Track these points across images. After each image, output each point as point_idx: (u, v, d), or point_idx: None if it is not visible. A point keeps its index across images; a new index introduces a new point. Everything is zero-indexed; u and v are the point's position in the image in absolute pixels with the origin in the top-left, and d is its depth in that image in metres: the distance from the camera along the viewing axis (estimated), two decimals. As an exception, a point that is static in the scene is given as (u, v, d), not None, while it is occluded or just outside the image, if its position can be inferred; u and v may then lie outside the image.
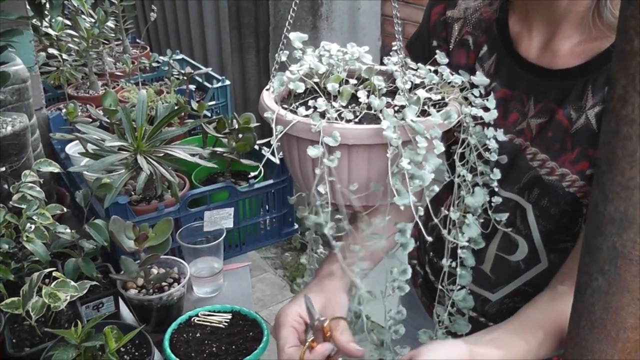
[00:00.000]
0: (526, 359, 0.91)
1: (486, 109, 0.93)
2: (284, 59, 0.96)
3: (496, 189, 0.99)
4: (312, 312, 0.92)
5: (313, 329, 0.91)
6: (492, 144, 0.94)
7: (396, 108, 0.85)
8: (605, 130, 0.62)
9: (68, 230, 1.37)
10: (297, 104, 0.91)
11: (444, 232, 0.97)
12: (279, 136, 0.86)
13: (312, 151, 0.84)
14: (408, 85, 0.90)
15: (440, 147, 0.83)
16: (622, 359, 0.69)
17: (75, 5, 2.34)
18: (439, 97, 0.91)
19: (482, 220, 1.02)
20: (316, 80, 0.94)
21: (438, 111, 0.86)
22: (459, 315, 1.07)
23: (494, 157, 0.95)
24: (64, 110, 1.95)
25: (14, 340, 1.26)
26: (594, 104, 0.96)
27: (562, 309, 0.92)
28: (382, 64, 1.01)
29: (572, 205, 1.01)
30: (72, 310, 1.31)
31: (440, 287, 1.06)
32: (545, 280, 1.07)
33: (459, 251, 0.99)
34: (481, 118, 0.93)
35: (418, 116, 0.84)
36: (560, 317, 0.92)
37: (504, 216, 1.02)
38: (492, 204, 0.99)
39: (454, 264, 1.01)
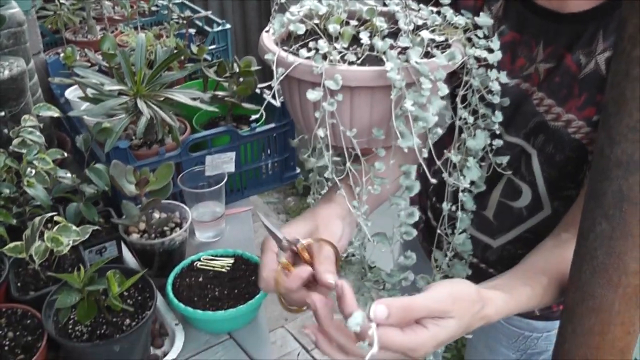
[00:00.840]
0: (530, 304, 0.90)
1: (490, 50, 0.91)
2: (283, 0, 0.94)
3: (497, 132, 0.97)
4: (272, 231, 0.86)
5: (283, 250, 0.85)
6: (495, 86, 0.92)
7: (399, 50, 0.84)
8: (615, 71, 0.61)
9: (69, 175, 1.37)
10: (297, 45, 0.90)
11: (445, 175, 0.96)
12: (280, 79, 0.84)
13: (312, 95, 0.82)
14: (411, 27, 0.88)
15: (445, 89, 0.82)
16: (622, 303, 0.70)
17: (72, -54, 2.29)
18: (442, 38, 0.89)
19: (484, 164, 1.01)
20: (316, 21, 0.92)
21: (441, 52, 0.84)
22: (457, 259, 1.07)
23: (496, 99, 0.93)
24: (62, 55, 1.92)
25: (18, 284, 1.27)
26: (604, 49, 0.94)
27: (566, 256, 0.91)
28: (383, 5, 0.99)
29: (577, 152, 1.00)
30: (75, 254, 1.32)
31: (439, 231, 1.06)
32: (548, 227, 1.06)
33: (460, 194, 0.98)
34: (485, 60, 0.91)
35: (422, 58, 0.82)
36: (563, 263, 0.91)
37: (504, 159, 1.00)
38: (493, 147, 0.98)
39: (454, 208, 1.00)
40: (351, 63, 0.83)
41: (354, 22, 0.91)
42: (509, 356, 1.34)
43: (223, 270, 1.39)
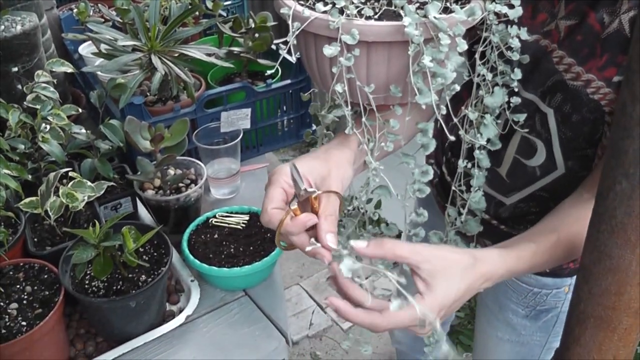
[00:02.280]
0: (536, 260, 0.91)
1: (511, 6, 0.89)
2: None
3: (516, 90, 0.96)
4: (297, 182, 0.85)
5: (299, 198, 0.86)
6: (515, 43, 0.90)
7: (418, 4, 0.82)
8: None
9: (83, 131, 1.37)
10: (314, 0, 0.88)
11: (461, 132, 0.95)
12: (296, 33, 0.83)
13: (328, 50, 0.81)
14: (430, -19, 0.86)
15: (463, 45, 0.80)
16: (640, 264, 0.69)
17: None
18: (462, -7, 0.87)
19: (500, 122, 1.00)
20: (334, -25, 0.90)
21: (461, 8, 0.82)
22: (470, 216, 1.07)
23: (515, 56, 0.92)
24: (75, 11, 1.91)
25: (35, 240, 1.28)
26: (629, 8, 0.91)
27: (582, 215, 0.91)
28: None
29: (594, 113, 0.98)
30: (90, 210, 1.32)
31: (454, 187, 1.05)
32: (562, 186, 1.05)
33: (476, 152, 0.97)
34: (505, 15, 0.89)
35: (440, 13, 0.80)
36: (578, 223, 0.91)
37: (522, 117, 0.99)
38: (511, 104, 0.97)
39: (469, 165, 0.99)
40: (368, 18, 0.82)
41: (371, -24, 0.89)
42: (517, 312, 1.35)
43: (238, 227, 1.40)
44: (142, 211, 1.48)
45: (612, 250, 0.70)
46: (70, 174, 1.23)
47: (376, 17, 0.83)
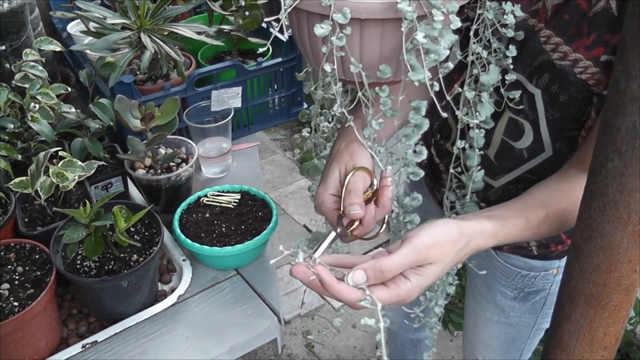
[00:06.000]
0: (524, 234, 0.93)
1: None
2: None
3: (510, 67, 0.95)
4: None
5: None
6: (510, 19, 0.90)
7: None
8: (634, 3, 0.59)
9: (73, 110, 1.36)
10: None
11: (458, 112, 0.95)
12: (288, 10, 0.82)
13: (319, 30, 0.80)
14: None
15: (457, 22, 0.79)
16: (631, 241, 0.69)
17: None
18: (454, -31, 0.86)
19: (492, 100, 0.99)
20: (326, -49, 0.89)
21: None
22: (467, 199, 1.07)
23: (510, 33, 0.91)
24: (63, -13, 1.89)
25: (25, 220, 1.27)
26: None
27: (571, 191, 0.92)
28: None
29: (581, 93, 0.98)
30: (81, 190, 1.32)
31: (452, 170, 1.05)
32: (549, 168, 1.05)
33: (474, 131, 0.97)
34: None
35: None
36: (566, 199, 0.92)
37: (516, 93, 0.99)
38: (506, 81, 0.96)
39: (467, 146, 0.99)
40: (361, -6, 0.81)
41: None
42: (506, 294, 1.36)
43: (230, 206, 1.39)
44: (133, 190, 1.48)
45: (604, 227, 0.70)
46: (60, 153, 1.22)
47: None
